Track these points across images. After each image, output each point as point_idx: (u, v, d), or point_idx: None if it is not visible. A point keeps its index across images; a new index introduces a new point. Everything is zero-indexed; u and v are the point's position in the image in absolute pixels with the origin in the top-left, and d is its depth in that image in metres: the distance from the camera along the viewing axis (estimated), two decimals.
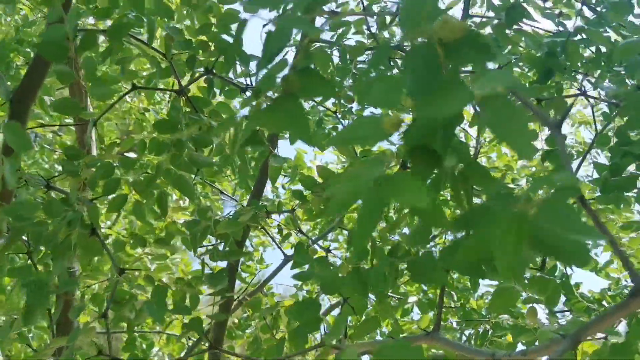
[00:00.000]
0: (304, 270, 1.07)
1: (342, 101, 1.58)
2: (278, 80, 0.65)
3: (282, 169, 2.73)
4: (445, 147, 0.63)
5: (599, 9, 1.18)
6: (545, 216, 0.50)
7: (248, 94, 1.49)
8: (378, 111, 0.65)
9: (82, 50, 1.19)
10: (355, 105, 1.69)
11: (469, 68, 1.70)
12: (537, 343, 1.14)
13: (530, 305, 1.12)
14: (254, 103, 0.67)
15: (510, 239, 0.49)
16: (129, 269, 1.10)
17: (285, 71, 0.66)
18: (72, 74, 1.01)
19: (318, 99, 1.79)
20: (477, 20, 1.76)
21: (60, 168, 1.59)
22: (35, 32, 1.77)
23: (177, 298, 1.16)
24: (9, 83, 1.77)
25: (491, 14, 1.46)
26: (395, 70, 1.41)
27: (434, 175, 1.01)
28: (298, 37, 1.55)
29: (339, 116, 1.75)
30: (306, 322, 1.05)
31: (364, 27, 1.69)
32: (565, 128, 2.77)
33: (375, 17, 1.36)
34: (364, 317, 1.28)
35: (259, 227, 2.00)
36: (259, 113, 0.67)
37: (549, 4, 1.36)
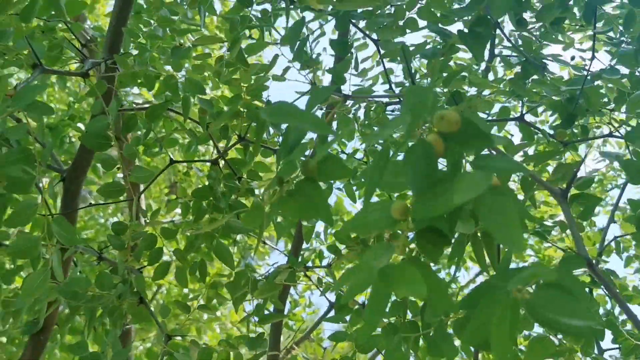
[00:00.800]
0: (338, 331, 1.12)
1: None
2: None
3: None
4: (452, 229, 0.67)
5: (610, 58, 1.20)
6: (540, 302, 0.54)
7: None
8: None
9: (125, 131, 1.30)
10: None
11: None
12: None
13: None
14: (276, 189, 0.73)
15: (505, 326, 0.52)
16: (175, 335, 1.17)
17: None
18: (115, 161, 1.10)
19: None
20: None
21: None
22: (86, 107, 1.92)
23: (222, 359, 1.22)
24: (62, 157, 1.91)
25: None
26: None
27: (456, 239, 1.04)
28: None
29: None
30: None
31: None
32: (602, 167, 2.70)
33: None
34: None
35: (304, 275, 2.05)
36: (280, 200, 0.73)
37: (565, 51, 1.39)
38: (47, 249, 0.97)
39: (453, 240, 1.09)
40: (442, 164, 0.67)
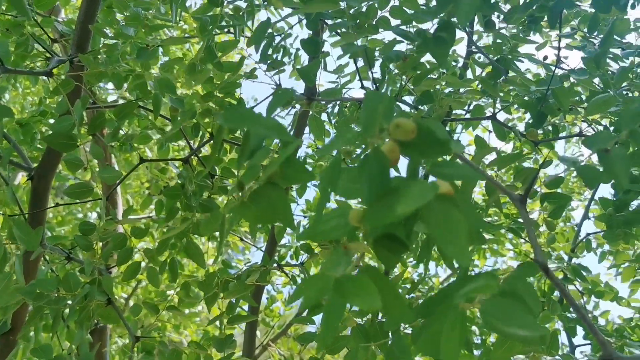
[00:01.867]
0: (307, 332, 1.12)
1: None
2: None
3: (303, 210, 2.80)
4: (409, 235, 0.67)
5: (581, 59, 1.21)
6: (490, 311, 0.54)
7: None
8: None
9: (93, 129, 1.28)
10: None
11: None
12: None
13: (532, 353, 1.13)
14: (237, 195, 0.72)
15: (454, 336, 0.52)
16: (144, 337, 1.17)
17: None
18: (82, 162, 1.09)
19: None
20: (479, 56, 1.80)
21: None
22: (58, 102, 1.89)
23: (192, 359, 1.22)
24: (35, 153, 1.88)
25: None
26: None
27: (423, 241, 1.04)
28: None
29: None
30: None
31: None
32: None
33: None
34: None
35: (281, 270, 2.05)
36: (242, 205, 0.72)
37: (537, 51, 1.39)
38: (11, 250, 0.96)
39: (420, 242, 1.09)
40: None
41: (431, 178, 0.63)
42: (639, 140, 0.71)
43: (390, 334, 1.10)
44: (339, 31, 1.19)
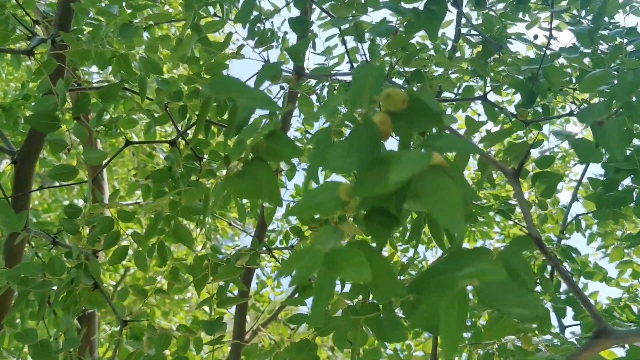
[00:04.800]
0: (298, 314, 1.11)
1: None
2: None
3: (292, 195, 2.78)
4: (400, 209, 0.66)
5: (572, 33, 1.20)
6: (487, 290, 0.53)
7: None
8: None
9: (77, 112, 1.25)
10: None
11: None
12: None
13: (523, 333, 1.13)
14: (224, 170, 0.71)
15: (453, 314, 0.51)
16: (132, 320, 1.15)
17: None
18: (65, 143, 1.06)
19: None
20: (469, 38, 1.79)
21: None
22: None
23: (181, 344, 1.21)
24: (19, 138, 1.85)
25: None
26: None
27: (415, 219, 1.03)
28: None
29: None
30: None
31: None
32: (565, 143, 2.75)
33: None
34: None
35: (271, 255, 2.04)
36: (229, 180, 0.71)
37: (528, 30, 1.38)
38: None
39: (410, 222, 1.08)
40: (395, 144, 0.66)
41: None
42: (633, 112, 0.70)
43: (381, 309, 1.10)
44: (326, 8, 1.17)
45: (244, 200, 1.72)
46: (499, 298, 0.55)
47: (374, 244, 0.68)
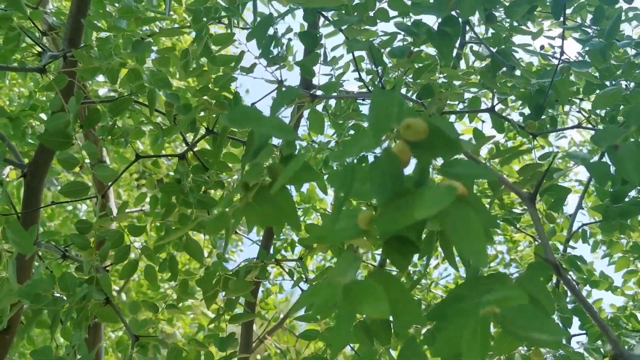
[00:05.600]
0: (310, 330, 1.11)
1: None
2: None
3: (296, 202, 2.78)
4: (420, 237, 0.66)
5: (580, 47, 1.20)
6: (510, 317, 0.53)
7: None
8: None
9: (88, 127, 1.26)
10: None
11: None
12: None
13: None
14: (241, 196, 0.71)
15: (476, 341, 0.52)
16: (144, 336, 1.15)
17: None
18: (77, 161, 1.06)
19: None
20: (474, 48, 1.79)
21: None
22: (49, 96, 1.85)
23: (191, 358, 1.21)
24: (26, 148, 1.85)
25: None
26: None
27: (425, 237, 1.03)
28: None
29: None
30: None
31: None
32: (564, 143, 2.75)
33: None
34: None
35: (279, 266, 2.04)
36: (247, 206, 0.71)
37: (534, 41, 1.38)
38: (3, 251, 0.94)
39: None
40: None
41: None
42: None
43: (398, 335, 1.10)
44: (333, 19, 1.17)
45: None
46: (522, 324, 0.56)
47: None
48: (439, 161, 0.62)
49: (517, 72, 1.29)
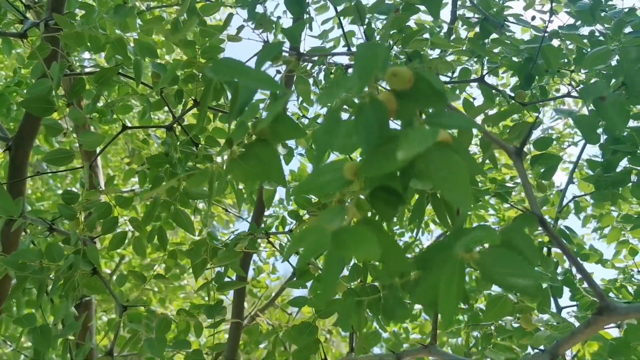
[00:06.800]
0: (299, 296, 1.10)
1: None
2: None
3: (287, 181, 2.77)
4: (406, 187, 0.65)
5: (568, 16, 1.19)
6: (488, 261, 0.53)
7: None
8: None
9: (73, 96, 1.24)
10: None
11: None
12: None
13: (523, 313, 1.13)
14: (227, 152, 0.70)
15: (452, 286, 0.51)
16: (132, 305, 1.15)
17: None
18: (61, 127, 1.05)
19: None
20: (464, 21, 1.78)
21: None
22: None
23: (181, 328, 1.21)
24: (11, 125, 1.83)
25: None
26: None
27: (416, 198, 1.03)
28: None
29: None
30: (304, 346, 1.08)
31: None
32: (559, 124, 2.75)
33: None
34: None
35: (267, 241, 2.04)
36: (232, 162, 0.70)
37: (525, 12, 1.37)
38: None
39: (413, 202, 1.08)
40: (397, 124, 0.65)
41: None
42: (633, 90, 0.70)
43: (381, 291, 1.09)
44: None
45: (241, 186, 1.71)
46: (500, 270, 0.55)
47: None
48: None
49: (506, 40, 1.29)
